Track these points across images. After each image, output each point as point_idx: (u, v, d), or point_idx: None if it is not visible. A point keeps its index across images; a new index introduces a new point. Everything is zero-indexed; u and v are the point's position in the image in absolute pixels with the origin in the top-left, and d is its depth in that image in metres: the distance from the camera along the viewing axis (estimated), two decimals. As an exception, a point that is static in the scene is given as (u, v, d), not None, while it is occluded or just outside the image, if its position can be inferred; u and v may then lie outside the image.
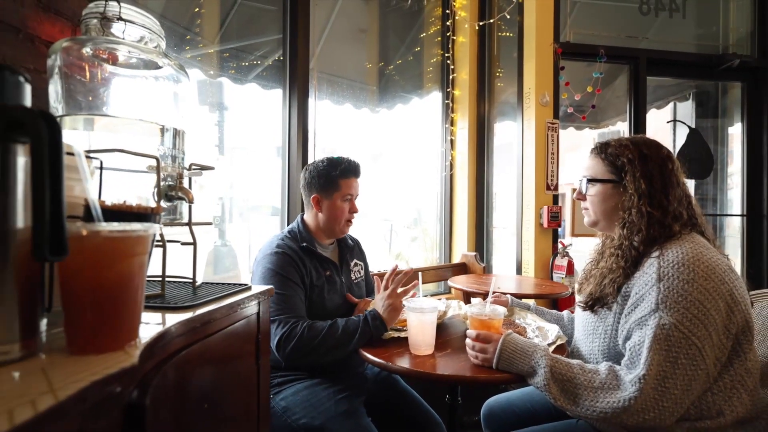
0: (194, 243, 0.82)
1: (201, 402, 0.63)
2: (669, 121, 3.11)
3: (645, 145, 1.02)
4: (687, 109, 3.22)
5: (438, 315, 1.21)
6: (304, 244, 1.34)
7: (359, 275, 1.51)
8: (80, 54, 0.73)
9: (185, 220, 0.83)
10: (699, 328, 0.85)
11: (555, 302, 2.28)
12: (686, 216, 0.99)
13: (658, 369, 0.84)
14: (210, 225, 0.84)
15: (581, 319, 1.10)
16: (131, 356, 0.44)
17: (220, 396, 0.71)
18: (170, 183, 0.76)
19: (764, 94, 2.79)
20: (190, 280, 0.86)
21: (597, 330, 1.02)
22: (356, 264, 1.51)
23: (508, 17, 2.63)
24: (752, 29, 2.88)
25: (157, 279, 0.76)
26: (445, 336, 1.27)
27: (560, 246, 2.39)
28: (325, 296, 1.33)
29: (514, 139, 2.58)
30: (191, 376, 0.61)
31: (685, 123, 3.00)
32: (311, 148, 2.15)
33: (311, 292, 1.30)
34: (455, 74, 2.86)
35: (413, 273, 1.29)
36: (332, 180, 1.37)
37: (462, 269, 2.68)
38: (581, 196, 1.11)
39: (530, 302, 1.43)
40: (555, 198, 2.44)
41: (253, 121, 2.32)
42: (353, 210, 1.41)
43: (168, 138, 0.80)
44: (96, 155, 0.64)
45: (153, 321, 0.61)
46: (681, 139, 2.95)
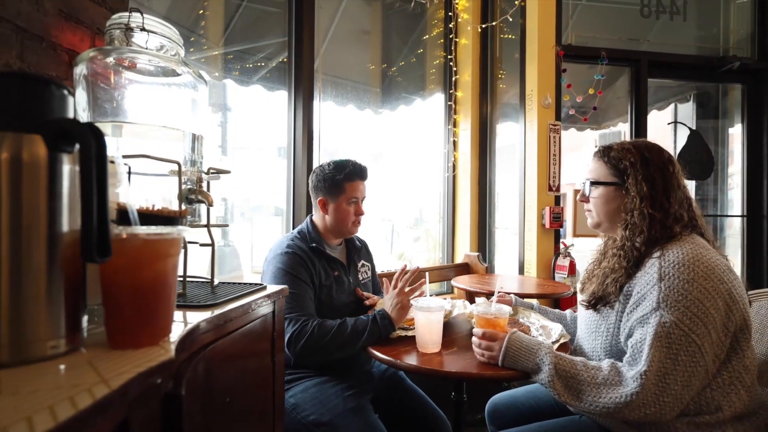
0: (212, 244, 0.85)
1: (224, 396, 0.66)
2: (670, 123, 3.14)
3: (647, 149, 1.05)
4: (688, 110, 3.25)
5: (444, 314, 1.24)
6: (314, 245, 1.37)
7: (366, 276, 1.54)
8: (105, 63, 0.76)
9: (203, 222, 0.86)
10: (698, 326, 0.88)
11: (557, 302, 2.30)
12: (687, 218, 1.02)
13: (659, 365, 0.87)
14: (227, 227, 0.87)
15: (584, 318, 1.13)
16: (168, 351, 0.48)
17: (240, 391, 0.74)
18: (191, 187, 0.79)
19: (764, 96, 2.81)
20: (208, 280, 0.90)
21: (599, 328, 1.05)
22: (363, 265, 1.54)
23: (510, 20, 2.66)
24: (752, 31, 2.91)
25: (179, 279, 0.79)
26: (452, 334, 1.30)
27: (562, 246, 2.42)
28: (334, 296, 1.36)
29: (517, 141, 2.60)
30: (216, 371, 0.64)
31: (686, 124, 3.02)
32: (315, 150, 2.18)
33: (320, 292, 1.33)
34: (458, 76, 2.88)
35: (420, 272, 1.32)
36: (337, 183, 1.40)
37: (465, 269, 2.70)
38: (584, 198, 1.14)
39: (533, 302, 1.46)
40: (557, 199, 2.47)
41: (257, 122, 2.33)
42: (359, 213, 1.43)
43: (188, 143, 0.83)
44: (124, 160, 0.67)
45: (177, 319, 0.64)
46: (682, 141, 2.98)
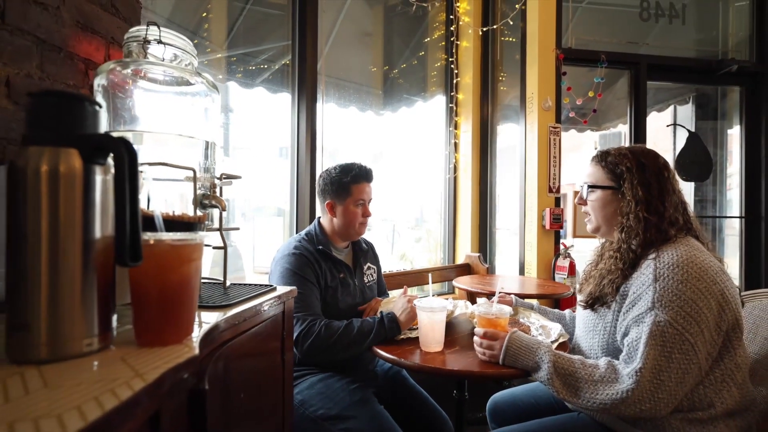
0: (225, 247, 0.88)
1: (239, 392, 0.70)
2: (669, 125, 3.17)
3: (643, 155, 1.09)
4: (687, 112, 3.28)
5: (446, 314, 1.28)
6: (320, 247, 1.40)
7: (372, 278, 1.57)
8: (124, 75, 0.79)
9: (215, 226, 0.90)
10: (692, 325, 0.91)
11: (557, 302, 2.33)
12: (682, 221, 1.06)
13: (654, 363, 0.91)
14: (238, 230, 0.90)
15: (582, 317, 1.17)
16: (192, 348, 0.51)
17: (253, 387, 0.78)
18: (205, 192, 0.83)
19: (762, 99, 2.84)
20: (220, 281, 0.93)
21: (597, 327, 1.09)
22: (369, 267, 1.57)
23: (511, 23, 2.69)
24: (750, 34, 2.94)
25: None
26: (454, 334, 1.33)
27: (562, 247, 2.45)
28: (339, 297, 1.39)
29: (517, 142, 2.63)
30: (232, 368, 0.68)
31: (685, 127, 3.06)
32: (318, 151, 2.20)
33: (326, 293, 1.37)
34: (459, 78, 2.91)
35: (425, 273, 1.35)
36: (344, 186, 1.43)
37: (466, 270, 2.74)
38: (582, 201, 1.18)
39: (533, 302, 1.50)
40: (557, 200, 2.50)
41: (259, 123, 2.34)
42: (366, 214, 1.47)
43: (201, 150, 0.87)
44: (143, 168, 0.71)
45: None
46: (681, 143, 3.01)
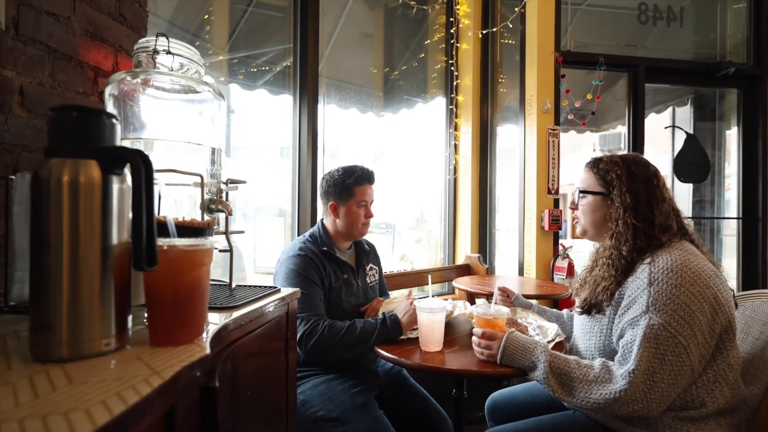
0: (231, 250, 0.91)
1: (245, 390, 0.73)
2: (667, 127, 3.20)
3: (634, 163, 1.12)
4: (686, 114, 3.30)
5: (446, 314, 1.30)
6: (324, 248, 1.43)
7: (374, 279, 1.60)
8: (133, 84, 0.82)
9: (222, 230, 0.93)
10: (685, 329, 0.94)
11: (556, 302, 2.36)
12: (676, 227, 1.09)
13: (647, 365, 0.93)
14: (243, 233, 0.93)
15: (578, 320, 1.20)
16: (203, 347, 0.54)
17: (258, 386, 0.81)
18: (212, 197, 0.86)
19: (759, 101, 2.86)
20: (225, 283, 0.96)
21: (593, 330, 1.12)
22: (371, 268, 1.60)
23: (511, 26, 2.71)
24: (747, 37, 2.96)
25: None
26: (453, 334, 1.36)
27: (561, 248, 2.48)
28: (343, 298, 1.42)
29: (517, 144, 2.66)
30: (239, 367, 0.70)
31: (683, 129, 3.08)
32: (319, 152, 2.22)
33: (329, 294, 1.40)
34: (459, 80, 2.94)
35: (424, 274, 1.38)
36: (347, 188, 1.46)
37: (465, 270, 2.76)
38: (574, 206, 1.22)
39: (533, 302, 1.53)
40: (556, 201, 2.53)
41: (260, 125, 2.36)
42: (368, 215, 1.50)
43: (208, 156, 0.90)
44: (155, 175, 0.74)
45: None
46: (679, 144, 3.04)
